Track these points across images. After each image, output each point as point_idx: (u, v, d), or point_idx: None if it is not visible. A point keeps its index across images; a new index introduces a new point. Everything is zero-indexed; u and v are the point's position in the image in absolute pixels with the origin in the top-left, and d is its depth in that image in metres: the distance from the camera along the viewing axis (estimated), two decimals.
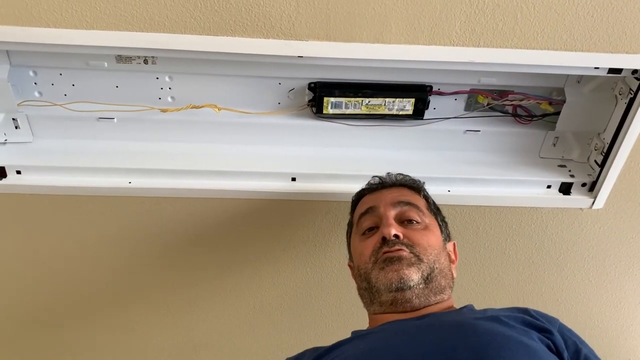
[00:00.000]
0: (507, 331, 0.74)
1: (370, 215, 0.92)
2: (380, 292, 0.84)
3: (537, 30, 0.89)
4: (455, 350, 0.70)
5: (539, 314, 0.81)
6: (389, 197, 0.94)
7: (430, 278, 0.84)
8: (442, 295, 0.86)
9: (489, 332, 0.73)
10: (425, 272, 0.84)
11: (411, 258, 0.83)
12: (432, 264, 0.85)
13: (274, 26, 0.87)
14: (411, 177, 1.00)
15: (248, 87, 1.05)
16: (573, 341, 0.78)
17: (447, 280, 0.87)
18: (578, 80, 1.05)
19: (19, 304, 1.31)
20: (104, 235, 1.14)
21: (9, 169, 1.02)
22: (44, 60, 0.98)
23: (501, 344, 0.70)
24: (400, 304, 0.83)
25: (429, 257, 0.85)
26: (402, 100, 1.05)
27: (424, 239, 0.87)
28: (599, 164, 1.09)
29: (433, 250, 0.87)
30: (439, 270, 0.86)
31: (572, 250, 1.25)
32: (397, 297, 0.82)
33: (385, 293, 0.83)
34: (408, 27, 0.88)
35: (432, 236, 0.89)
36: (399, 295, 0.82)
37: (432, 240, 0.88)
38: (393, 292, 0.82)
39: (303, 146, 1.11)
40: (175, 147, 1.08)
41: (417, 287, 0.82)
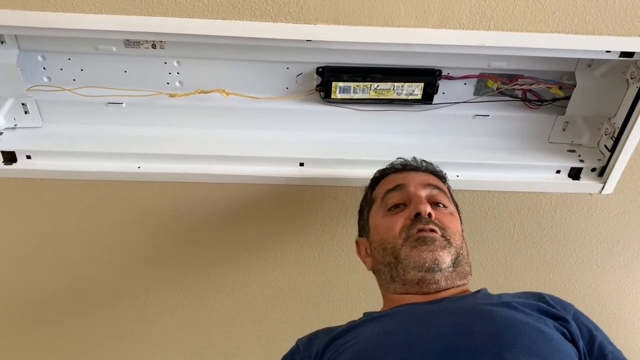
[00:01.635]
0: (523, 318, 0.74)
1: (399, 192, 0.91)
2: (408, 269, 0.83)
3: (548, 13, 0.88)
4: (472, 335, 0.70)
5: (554, 300, 0.81)
6: (418, 178, 0.93)
7: (457, 262, 0.85)
8: (465, 280, 0.86)
9: (506, 319, 0.73)
10: (454, 255, 0.84)
11: (443, 240, 0.84)
12: (459, 248, 0.86)
13: (282, 10, 0.86)
14: (435, 166, 1.00)
15: (256, 72, 1.04)
16: (588, 328, 0.78)
17: (469, 267, 0.88)
18: (589, 64, 1.04)
19: (27, 289, 1.32)
20: (113, 219, 1.15)
21: (19, 153, 1.03)
22: (53, 45, 0.98)
23: (519, 330, 0.70)
24: (426, 284, 0.83)
25: (456, 241, 0.86)
26: (411, 84, 1.04)
27: (452, 223, 0.88)
28: (609, 149, 1.08)
29: (459, 234, 0.88)
30: (463, 255, 0.87)
31: (581, 235, 1.25)
32: (425, 277, 0.82)
33: (413, 271, 0.82)
34: (417, 10, 0.87)
35: (457, 222, 0.90)
36: (428, 275, 0.82)
37: (458, 226, 0.89)
38: (423, 272, 0.82)
39: (311, 131, 1.11)
40: (184, 132, 1.08)
41: (447, 270, 0.83)
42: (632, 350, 1.60)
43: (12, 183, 1.06)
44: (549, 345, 0.70)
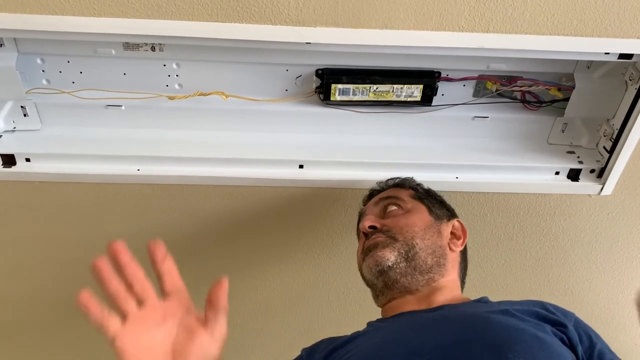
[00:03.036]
0: (520, 324, 0.74)
1: (361, 222, 0.95)
2: (371, 281, 0.88)
3: (547, 15, 0.88)
4: (470, 343, 0.70)
5: (555, 308, 0.81)
6: (375, 200, 0.98)
7: (411, 255, 0.85)
8: (431, 274, 0.86)
9: (503, 326, 0.73)
10: (402, 249, 0.85)
11: (385, 240, 0.86)
12: (409, 240, 0.86)
13: (281, 12, 0.86)
14: (400, 178, 1.03)
15: (255, 74, 1.04)
16: (588, 335, 0.78)
17: (437, 258, 0.87)
18: (588, 65, 1.04)
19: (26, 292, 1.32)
20: (112, 222, 1.15)
21: (18, 156, 1.02)
22: (52, 47, 0.98)
23: (515, 337, 0.71)
24: (391, 286, 0.86)
25: (405, 235, 0.87)
26: (410, 86, 1.04)
27: (402, 220, 0.89)
28: (607, 150, 1.09)
29: (411, 228, 0.88)
30: (422, 247, 0.86)
31: (580, 236, 1.25)
32: (385, 281, 0.86)
33: (374, 281, 0.87)
34: (416, 12, 0.87)
35: (413, 217, 0.90)
36: (385, 278, 0.85)
37: (412, 220, 0.90)
38: (378, 277, 0.86)
39: (310, 133, 1.11)
40: (183, 135, 1.08)
41: (398, 266, 0.85)
42: (631, 350, 1.60)
43: (11, 186, 1.06)
44: (546, 351, 0.70)
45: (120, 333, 0.59)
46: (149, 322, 0.61)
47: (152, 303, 0.62)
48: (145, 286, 0.62)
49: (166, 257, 0.64)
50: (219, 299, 0.62)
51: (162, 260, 0.63)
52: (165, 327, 0.62)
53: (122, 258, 0.61)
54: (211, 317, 0.63)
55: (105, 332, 0.59)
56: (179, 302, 0.64)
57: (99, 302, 0.59)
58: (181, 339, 0.62)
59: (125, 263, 0.61)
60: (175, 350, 0.61)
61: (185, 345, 0.61)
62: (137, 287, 0.61)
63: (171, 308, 0.63)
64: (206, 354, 0.62)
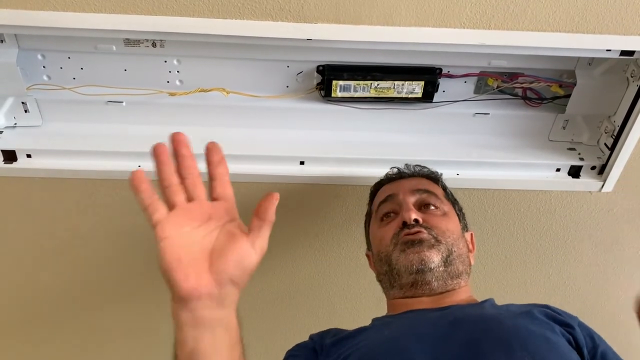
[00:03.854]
0: (530, 325, 0.74)
1: (390, 203, 0.94)
2: (401, 274, 0.85)
3: (548, 12, 0.88)
4: (480, 343, 0.71)
5: (559, 310, 0.82)
6: (407, 185, 0.96)
7: (449, 261, 0.86)
8: (459, 280, 0.87)
9: (514, 326, 0.73)
10: (444, 254, 0.85)
11: (431, 240, 0.85)
12: (450, 246, 0.86)
13: (282, 9, 0.86)
14: (429, 169, 1.02)
15: (256, 71, 1.04)
16: (591, 337, 0.79)
17: (465, 266, 0.89)
18: (589, 62, 1.04)
19: (27, 289, 1.32)
20: (113, 218, 1.15)
21: (19, 152, 1.02)
22: (53, 43, 0.97)
23: (525, 337, 0.71)
24: (420, 286, 0.84)
25: (447, 239, 0.87)
26: (411, 83, 1.04)
27: (443, 223, 0.89)
28: (608, 147, 1.08)
29: (451, 234, 0.88)
30: (457, 254, 0.87)
31: (581, 233, 1.25)
32: (417, 279, 0.84)
33: (405, 275, 0.84)
34: (418, 8, 0.87)
35: (450, 222, 0.91)
36: (419, 277, 0.84)
37: (450, 226, 0.90)
38: (414, 274, 0.84)
39: (311, 130, 1.11)
40: (184, 131, 1.07)
41: (437, 270, 0.84)
42: (631, 348, 1.60)
43: (12, 182, 1.06)
44: (556, 352, 0.71)
45: (164, 220, 0.59)
46: (194, 217, 0.61)
47: (201, 201, 0.62)
48: (197, 183, 0.62)
49: (222, 160, 0.64)
50: (268, 211, 0.61)
51: (217, 162, 0.63)
52: (208, 226, 0.62)
53: (182, 150, 0.62)
54: (255, 228, 0.62)
55: (149, 215, 0.59)
56: (225, 208, 0.63)
57: (151, 185, 0.59)
58: (221, 242, 0.61)
59: (184, 155, 0.62)
60: (213, 250, 0.60)
61: (224, 248, 0.60)
62: (189, 182, 0.62)
63: (217, 211, 0.63)
64: (243, 261, 0.61)
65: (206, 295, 0.58)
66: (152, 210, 0.59)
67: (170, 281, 0.58)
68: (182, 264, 0.58)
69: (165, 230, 0.59)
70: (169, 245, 0.58)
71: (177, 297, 0.59)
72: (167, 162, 0.61)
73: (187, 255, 0.59)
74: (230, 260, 0.60)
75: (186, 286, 0.58)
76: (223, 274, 0.59)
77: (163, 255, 0.58)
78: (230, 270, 0.60)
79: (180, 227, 0.60)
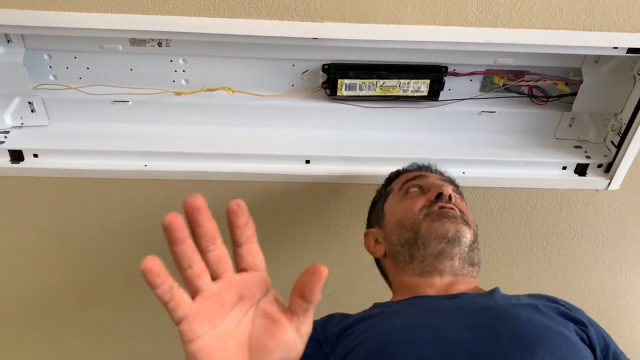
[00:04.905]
0: (547, 321, 0.73)
1: (419, 180, 0.93)
2: (429, 242, 0.83)
3: (555, 10, 0.88)
4: (499, 337, 0.69)
5: (568, 305, 0.81)
6: (436, 176, 0.96)
7: (472, 248, 0.86)
8: (474, 269, 0.86)
9: (530, 322, 0.72)
10: (472, 236, 0.86)
11: (463, 219, 0.86)
12: (475, 233, 0.87)
13: (288, 7, 0.86)
14: (449, 174, 1.02)
15: (262, 70, 1.04)
16: (602, 336, 0.78)
17: (479, 260, 0.88)
18: (596, 60, 1.03)
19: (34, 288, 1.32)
20: (119, 218, 1.15)
21: (26, 152, 1.03)
22: (59, 43, 0.98)
23: (543, 334, 0.70)
24: (443, 259, 0.83)
25: (473, 227, 0.88)
26: (417, 81, 1.04)
27: (469, 213, 0.90)
28: (615, 145, 1.08)
29: (474, 224, 0.89)
30: (477, 243, 0.88)
31: (587, 231, 1.25)
32: (445, 250, 0.83)
33: (434, 243, 0.83)
34: (424, 7, 0.87)
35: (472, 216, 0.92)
36: (448, 247, 0.83)
37: (474, 218, 0.91)
38: (444, 244, 0.83)
39: (317, 128, 1.11)
40: (190, 130, 1.08)
41: (464, 248, 0.84)
42: (636, 345, 1.60)
43: (19, 182, 1.06)
44: (572, 350, 0.70)
45: (191, 316, 0.48)
46: (224, 303, 0.50)
47: (229, 279, 0.50)
48: (224, 256, 0.50)
49: (249, 222, 0.51)
50: (315, 291, 0.50)
51: (244, 225, 0.50)
52: (241, 309, 0.51)
53: (201, 218, 0.48)
54: (300, 311, 0.51)
55: (172, 310, 0.47)
56: (258, 282, 0.52)
57: (166, 271, 0.47)
58: (259, 329, 0.51)
59: (204, 223, 0.48)
60: (252, 341, 0.50)
61: (264, 339, 0.50)
62: (213, 256, 0.50)
63: (250, 287, 0.51)
64: (290, 353, 0.51)
65: None
66: (174, 305, 0.47)
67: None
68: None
69: (193, 329, 0.48)
70: (201, 350, 0.48)
71: None
72: (186, 239, 0.48)
73: (224, 356, 0.48)
74: (274, 356, 0.50)
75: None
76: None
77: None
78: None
79: (211, 320, 0.49)
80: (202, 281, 0.49)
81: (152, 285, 0.47)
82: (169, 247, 0.48)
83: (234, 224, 0.50)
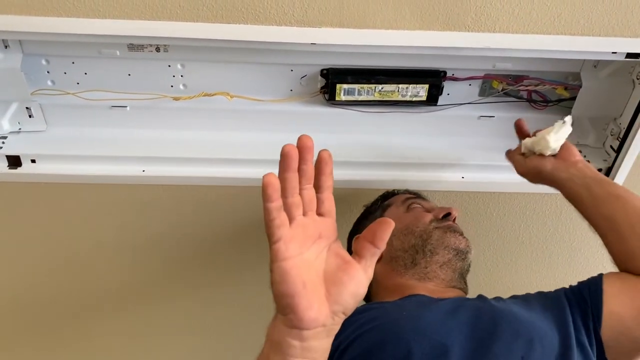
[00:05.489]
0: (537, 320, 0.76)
1: (422, 201, 0.97)
2: (438, 249, 0.87)
3: (554, 15, 0.87)
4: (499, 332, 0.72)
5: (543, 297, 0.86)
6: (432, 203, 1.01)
7: (468, 270, 0.91)
8: (465, 286, 0.90)
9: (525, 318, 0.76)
10: (471, 260, 0.90)
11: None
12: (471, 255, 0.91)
13: (286, 13, 0.86)
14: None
15: (260, 75, 1.04)
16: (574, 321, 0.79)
17: (467, 285, 0.92)
18: (595, 64, 1.03)
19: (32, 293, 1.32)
20: (117, 223, 1.15)
21: (24, 157, 1.02)
22: (56, 49, 0.97)
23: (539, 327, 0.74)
24: (447, 268, 0.87)
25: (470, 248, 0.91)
26: (415, 86, 1.04)
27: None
28: (614, 150, 1.08)
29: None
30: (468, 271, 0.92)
31: (587, 236, 1.24)
32: (451, 260, 0.87)
33: (443, 251, 0.87)
34: (422, 12, 0.87)
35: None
36: (454, 259, 0.87)
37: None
38: (452, 255, 0.87)
39: (315, 133, 1.08)
40: (188, 135, 1.08)
41: (466, 266, 0.89)
42: None
43: (17, 187, 1.06)
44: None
45: (289, 238, 0.53)
46: (309, 235, 0.56)
47: (314, 216, 0.57)
48: (313, 197, 0.57)
49: (332, 173, 0.58)
50: (383, 237, 0.56)
51: (329, 174, 0.57)
52: (319, 246, 0.57)
53: (309, 156, 0.55)
54: (368, 254, 0.57)
55: (273, 230, 0.52)
56: (332, 226, 0.59)
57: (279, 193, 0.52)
58: (332, 265, 0.57)
59: (309, 161, 0.55)
60: (326, 275, 0.56)
61: (338, 274, 0.56)
62: (307, 193, 0.56)
63: (327, 228, 0.58)
64: (359, 290, 0.56)
65: (322, 325, 0.55)
66: (278, 223, 0.52)
67: (291, 306, 0.53)
68: (306, 290, 0.53)
69: (289, 248, 0.53)
70: (293, 267, 0.53)
71: (291, 324, 0.54)
72: (296, 170, 0.54)
73: (310, 280, 0.54)
74: (347, 290, 0.55)
75: (309, 316, 0.53)
76: (339, 305, 0.55)
77: (286, 277, 0.53)
78: (346, 301, 0.56)
79: (301, 245, 0.55)
80: (298, 212, 0.55)
81: (269, 198, 0.51)
82: (280, 174, 0.54)
83: (322, 170, 0.57)
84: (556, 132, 0.87)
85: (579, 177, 0.86)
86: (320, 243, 0.57)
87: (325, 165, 0.57)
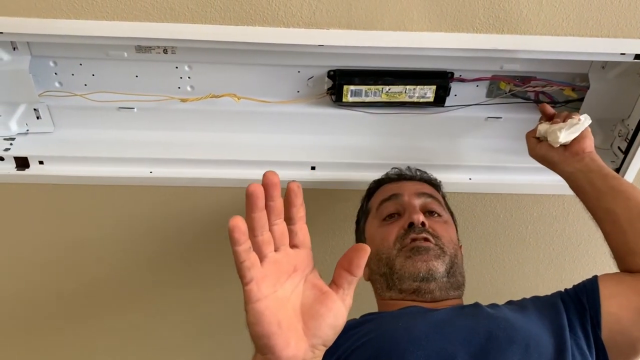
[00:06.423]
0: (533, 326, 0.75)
1: (394, 202, 0.92)
2: (404, 279, 0.84)
3: (562, 16, 0.87)
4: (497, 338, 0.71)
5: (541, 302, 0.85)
6: (412, 187, 0.95)
7: (452, 272, 0.85)
8: (459, 291, 0.87)
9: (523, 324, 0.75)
10: (448, 265, 0.84)
11: (437, 249, 0.84)
12: (452, 257, 0.86)
13: (294, 15, 0.86)
14: (429, 174, 1.01)
15: (267, 76, 1.04)
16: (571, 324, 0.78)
17: (463, 278, 0.88)
18: (602, 65, 1.03)
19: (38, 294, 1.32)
20: (124, 224, 1.15)
21: (32, 159, 1.03)
22: (64, 50, 0.98)
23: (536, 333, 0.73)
24: (422, 294, 0.83)
25: (450, 250, 0.86)
26: (423, 87, 1.03)
27: (446, 232, 0.88)
28: (622, 151, 1.07)
29: (454, 245, 0.88)
30: (458, 265, 0.87)
31: (594, 238, 1.24)
32: (421, 287, 0.83)
33: (408, 281, 0.83)
34: (430, 14, 0.87)
35: (451, 230, 0.91)
36: (423, 285, 0.82)
37: (452, 235, 0.90)
38: (418, 282, 0.82)
39: (322, 135, 1.11)
40: (195, 137, 1.08)
41: (441, 280, 0.83)
42: None
43: (25, 188, 1.06)
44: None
45: (260, 278, 0.53)
46: (282, 271, 0.55)
47: (286, 251, 0.56)
48: (284, 231, 0.56)
49: (303, 204, 0.57)
50: (360, 264, 0.57)
51: (300, 205, 0.56)
52: (294, 279, 0.57)
53: (275, 193, 0.54)
54: (346, 283, 0.57)
55: (246, 269, 0.52)
56: (307, 257, 0.59)
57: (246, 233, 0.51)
58: (309, 298, 0.57)
59: (276, 197, 0.54)
60: (303, 308, 0.56)
61: (315, 307, 0.56)
62: (278, 229, 0.55)
63: (301, 261, 0.58)
64: (337, 321, 0.56)
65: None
66: (248, 265, 0.52)
67: (268, 347, 0.53)
68: (282, 330, 0.53)
69: (261, 289, 0.53)
70: (267, 308, 0.53)
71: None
72: (263, 209, 0.53)
73: (285, 318, 0.54)
74: (326, 322, 0.56)
75: (286, 354, 0.53)
76: (318, 337, 0.55)
77: (260, 319, 0.53)
78: (325, 333, 0.56)
79: (274, 284, 0.54)
80: (269, 249, 0.55)
81: (237, 242, 0.50)
82: (247, 214, 0.52)
83: (292, 202, 0.56)
84: (568, 128, 0.87)
85: (583, 171, 0.86)
86: (296, 277, 0.57)
87: (295, 197, 0.56)
